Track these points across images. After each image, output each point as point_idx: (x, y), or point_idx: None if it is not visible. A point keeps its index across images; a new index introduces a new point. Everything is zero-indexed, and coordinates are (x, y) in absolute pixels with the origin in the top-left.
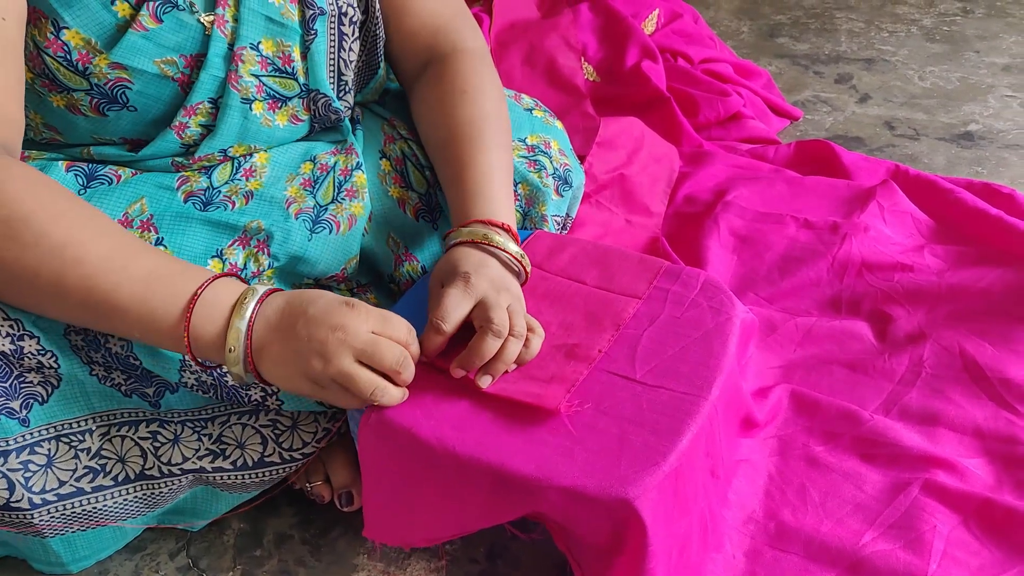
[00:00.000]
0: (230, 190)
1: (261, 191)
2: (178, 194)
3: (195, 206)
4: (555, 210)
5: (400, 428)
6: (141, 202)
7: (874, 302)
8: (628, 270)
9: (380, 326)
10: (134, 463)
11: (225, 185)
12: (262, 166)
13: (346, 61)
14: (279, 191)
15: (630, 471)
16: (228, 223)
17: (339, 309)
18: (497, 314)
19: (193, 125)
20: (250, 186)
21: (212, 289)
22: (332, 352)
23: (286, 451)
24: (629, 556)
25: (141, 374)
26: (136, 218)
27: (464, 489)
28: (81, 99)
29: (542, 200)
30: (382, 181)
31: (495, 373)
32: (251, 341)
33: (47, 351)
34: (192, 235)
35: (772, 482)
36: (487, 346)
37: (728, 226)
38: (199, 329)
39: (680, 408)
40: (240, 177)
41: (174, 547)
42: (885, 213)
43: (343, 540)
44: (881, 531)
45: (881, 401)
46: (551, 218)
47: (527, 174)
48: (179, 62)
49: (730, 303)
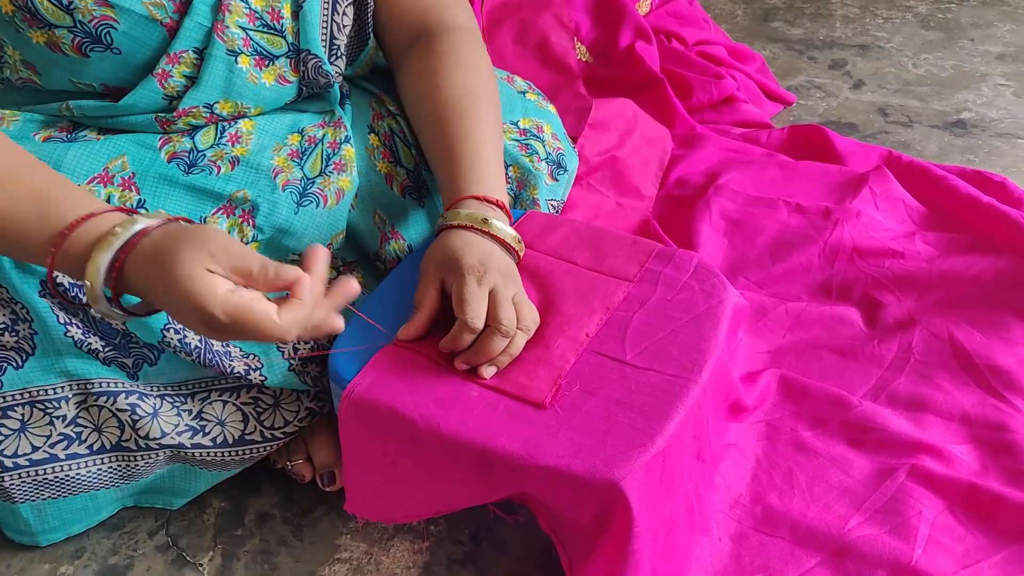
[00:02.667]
0: (215, 155)
1: (247, 158)
2: (161, 154)
3: (179, 167)
4: (549, 194)
5: (382, 404)
6: (122, 159)
7: (864, 288)
8: (620, 252)
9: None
10: (111, 434)
11: (210, 149)
12: (248, 132)
13: (339, 25)
14: (266, 159)
15: (616, 452)
16: (213, 190)
17: (189, 279)
18: (506, 312)
19: (176, 75)
20: (236, 152)
21: (95, 221)
22: (199, 326)
23: (267, 429)
24: (614, 538)
25: (120, 341)
26: (117, 174)
27: (447, 467)
28: (63, 36)
29: (533, 183)
30: (370, 156)
31: (500, 365)
32: (119, 277)
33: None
34: (175, 200)
35: (759, 466)
36: (495, 344)
37: (720, 210)
38: (69, 252)
39: (669, 391)
40: (225, 142)
41: (153, 526)
42: (877, 199)
43: (325, 520)
44: (867, 516)
45: (870, 387)
46: (544, 202)
47: (518, 157)
48: (168, 5)
49: (722, 287)
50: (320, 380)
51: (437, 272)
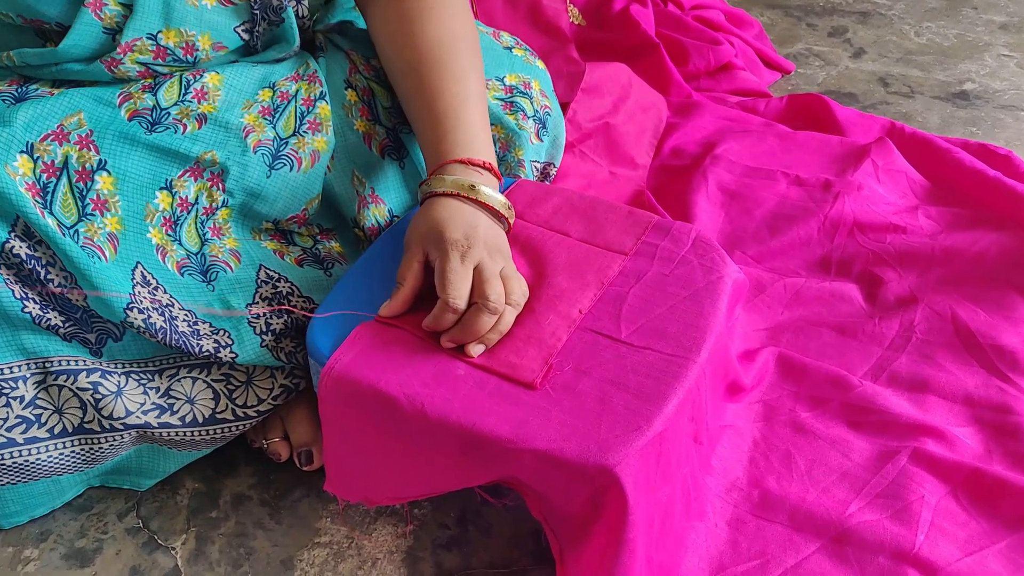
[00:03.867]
0: (180, 112)
1: (215, 115)
2: (121, 112)
3: (141, 125)
4: (534, 155)
5: (365, 383)
6: (78, 115)
7: (865, 263)
8: (615, 223)
9: None
10: (72, 415)
11: (174, 107)
12: (215, 88)
13: None
14: (235, 117)
15: (611, 436)
16: (178, 151)
17: None
18: (493, 288)
19: (111, 3)
20: (202, 109)
21: None
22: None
23: (240, 408)
24: (608, 525)
25: (81, 316)
26: (73, 131)
27: (432, 449)
28: None
29: (519, 144)
30: (347, 113)
31: (488, 343)
32: None
33: None
34: (138, 160)
35: (757, 448)
36: (482, 322)
37: (716, 181)
38: None
39: (666, 371)
40: (191, 99)
41: (123, 507)
42: (879, 172)
43: (305, 502)
44: (868, 500)
45: (870, 366)
46: (529, 163)
47: (502, 116)
48: None
49: (722, 261)
50: (295, 356)
51: (420, 245)
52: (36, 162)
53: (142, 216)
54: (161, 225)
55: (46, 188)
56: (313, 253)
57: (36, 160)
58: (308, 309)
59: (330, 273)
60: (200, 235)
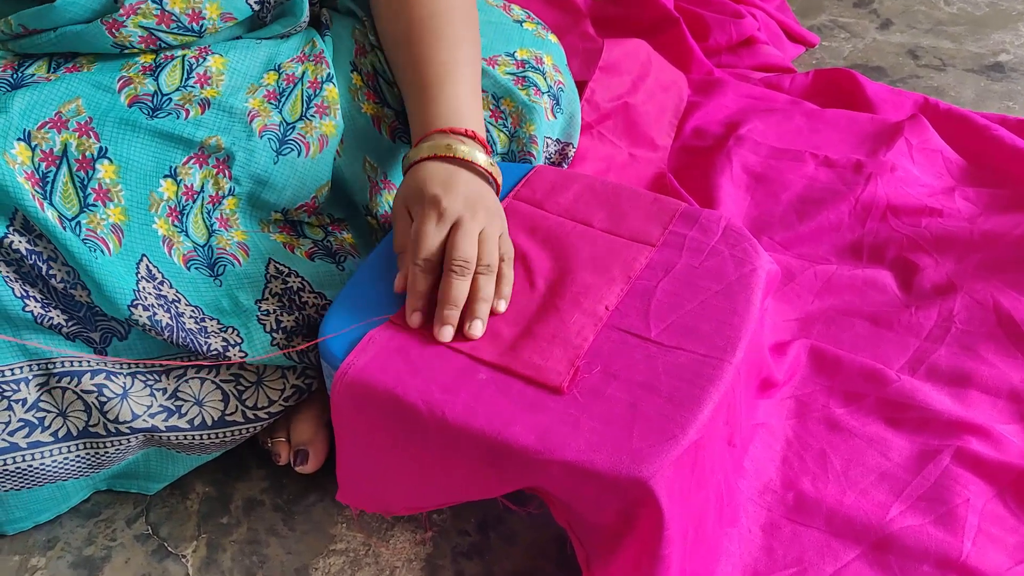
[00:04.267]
0: (182, 98)
1: (219, 99)
2: (120, 97)
3: (143, 111)
4: (547, 131)
5: (380, 387)
6: (76, 102)
7: (899, 249)
8: (640, 212)
9: None
10: (76, 418)
11: (176, 92)
12: (218, 72)
13: None
14: (239, 101)
15: (644, 445)
16: (182, 136)
17: None
18: (461, 247)
19: None
20: (206, 94)
21: None
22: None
23: (250, 409)
24: (641, 538)
25: (85, 315)
26: (72, 119)
27: (453, 459)
28: None
29: (530, 118)
30: (354, 96)
31: (482, 315)
32: None
33: None
34: (140, 147)
35: (790, 448)
36: (454, 289)
37: (741, 163)
38: None
39: (700, 373)
40: (193, 83)
41: (131, 513)
42: (913, 151)
43: (319, 507)
44: (909, 504)
45: (907, 359)
46: (542, 140)
47: (512, 89)
48: None
49: (754, 252)
50: (307, 355)
51: (404, 208)
52: (34, 150)
53: (146, 206)
54: (167, 215)
55: (45, 178)
56: (324, 246)
57: (34, 148)
58: (320, 306)
59: (342, 267)
60: (207, 226)
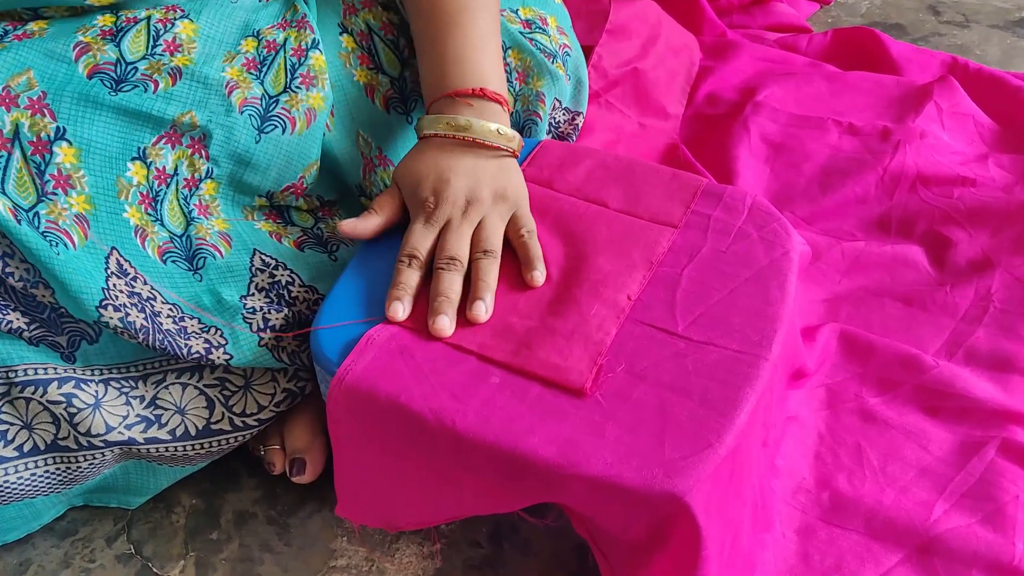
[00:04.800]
0: (150, 67)
1: (192, 69)
2: (78, 67)
3: (104, 84)
4: (557, 93)
5: (382, 394)
6: (27, 74)
7: (930, 222)
8: (659, 189)
9: None
10: (43, 431)
11: (142, 61)
12: (189, 39)
13: None
14: (215, 71)
15: (677, 456)
16: (150, 113)
17: None
18: (450, 244)
19: None
20: (176, 62)
21: None
22: None
23: (238, 416)
24: (674, 557)
25: (49, 317)
26: (22, 94)
27: (464, 473)
28: None
29: (538, 73)
30: (345, 63)
31: (483, 298)
32: None
33: None
34: (103, 127)
35: (822, 443)
36: (443, 282)
37: (759, 132)
38: None
39: (735, 371)
40: (161, 51)
41: (111, 530)
42: (943, 116)
43: (317, 519)
44: (953, 502)
45: (943, 342)
46: (551, 100)
47: (522, 41)
48: None
49: (785, 234)
50: (299, 356)
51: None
52: None
53: (114, 192)
54: (139, 203)
55: None
56: (315, 233)
57: None
58: (312, 302)
59: (335, 257)
60: (185, 213)
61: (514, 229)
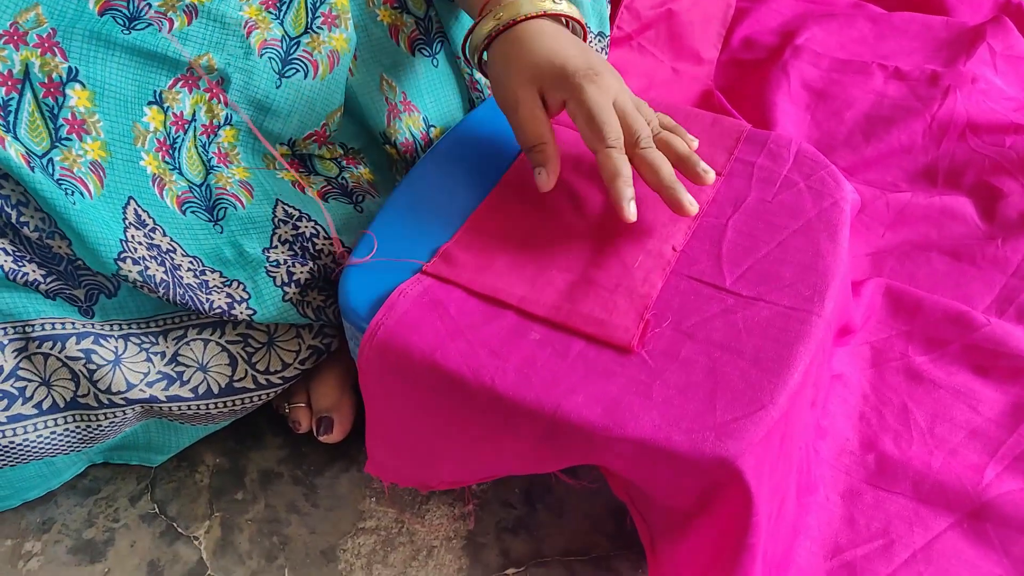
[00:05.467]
0: (163, 3)
1: (207, 7)
2: (88, 3)
3: (117, 21)
4: (585, 20)
5: (416, 353)
6: (36, 10)
7: (979, 173)
8: (699, 135)
9: None
10: (63, 388)
11: None
12: None
13: None
14: (232, 9)
15: (729, 418)
16: (166, 55)
17: None
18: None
19: None
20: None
21: None
22: None
23: (261, 374)
24: (721, 523)
25: (66, 268)
26: (31, 31)
27: (503, 433)
28: None
29: None
30: (367, 2)
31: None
32: None
33: None
34: (117, 68)
35: (867, 403)
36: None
37: (799, 77)
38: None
39: (786, 328)
40: None
41: (135, 489)
42: (997, 59)
43: (344, 479)
44: (1005, 465)
45: (993, 298)
46: None
47: None
48: None
49: (834, 182)
50: (324, 311)
51: (534, 88)
52: None
53: (130, 139)
54: (156, 150)
55: (7, 107)
56: (339, 183)
57: None
58: (337, 255)
59: (360, 208)
60: (204, 161)
61: None
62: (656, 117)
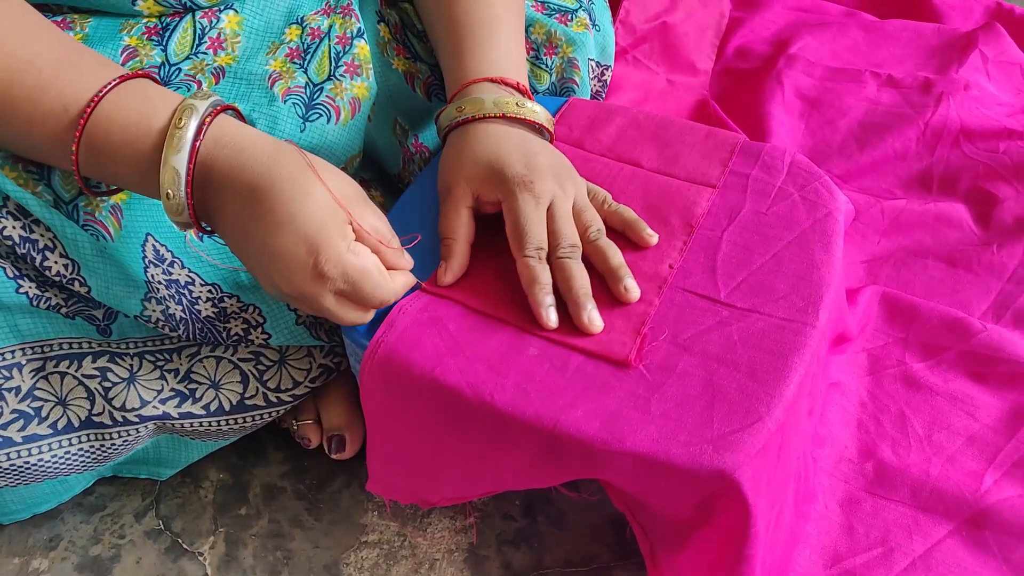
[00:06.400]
0: (194, 67)
1: (235, 67)
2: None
3: None
4: (590, 52)
5: (416, 367)
6: None
7: (973, 179)
8: (694, 148)
9: None
10: (78, 407)
11: (186, 61)
12: (233, 34)
13: None
14: (258, 66)
15: (726, 430)
16: None
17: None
18: (566, 230)
19: None
20: (220, 61)
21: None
22: (304, 285)
23: (272, 392)
24: (720, 534)
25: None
26: None
27: (502, 449)
28: None
29: (566, 39)
30: (383, 51)
31: (627, 276)
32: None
33: None
34: None
35: (864, 410)
36: (579, 275)
37: (793, 86)
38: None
39: (781, 340)
40: (206, 50)
41: (140, 505)
42: (989, 65)
43: (347, 493)
44: (1004, 471)
45: (989, 304)
46: (584, 63)
47: (536, 15)
48: None
49: (828, 193)
50: (336, 333)
51: (468, 186)
52: None
53: None
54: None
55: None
56: None
57: None
58: None
59: None
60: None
61: None
62: (601, 219)
